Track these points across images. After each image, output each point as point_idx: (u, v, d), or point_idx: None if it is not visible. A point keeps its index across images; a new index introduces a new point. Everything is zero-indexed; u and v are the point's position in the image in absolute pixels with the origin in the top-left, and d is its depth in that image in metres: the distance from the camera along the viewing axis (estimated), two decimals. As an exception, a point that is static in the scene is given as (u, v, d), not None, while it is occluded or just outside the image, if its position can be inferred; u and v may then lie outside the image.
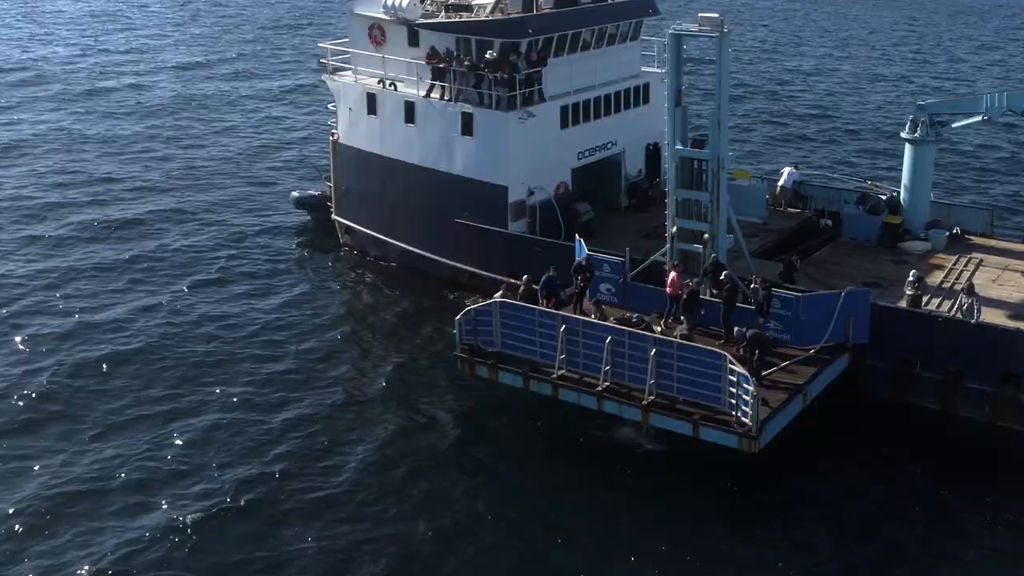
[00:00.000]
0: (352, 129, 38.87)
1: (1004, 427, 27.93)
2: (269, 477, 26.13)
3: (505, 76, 33.78)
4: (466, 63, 34.69)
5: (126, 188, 49.26)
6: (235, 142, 58.05)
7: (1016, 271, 32.79)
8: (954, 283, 31.61)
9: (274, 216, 45.20)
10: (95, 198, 47.60)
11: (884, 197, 36.42)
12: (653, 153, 39.64)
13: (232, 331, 34.32)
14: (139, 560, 23.07)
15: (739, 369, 24.66)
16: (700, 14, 28.83)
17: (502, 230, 34.84)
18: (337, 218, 41.00)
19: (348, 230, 40.64)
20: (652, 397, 25.88)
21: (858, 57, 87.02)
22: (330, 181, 41.18)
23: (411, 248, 37.87)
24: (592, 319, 28.17)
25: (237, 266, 39.73)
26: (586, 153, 37.34)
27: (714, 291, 29.31)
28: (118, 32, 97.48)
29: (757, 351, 26.39)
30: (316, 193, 43.24)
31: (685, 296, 28.34)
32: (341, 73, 39.62)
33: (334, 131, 40.14)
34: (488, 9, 35.97)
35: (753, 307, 28.04)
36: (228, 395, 30.18)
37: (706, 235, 30.02)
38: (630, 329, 26.59)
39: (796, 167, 40.36)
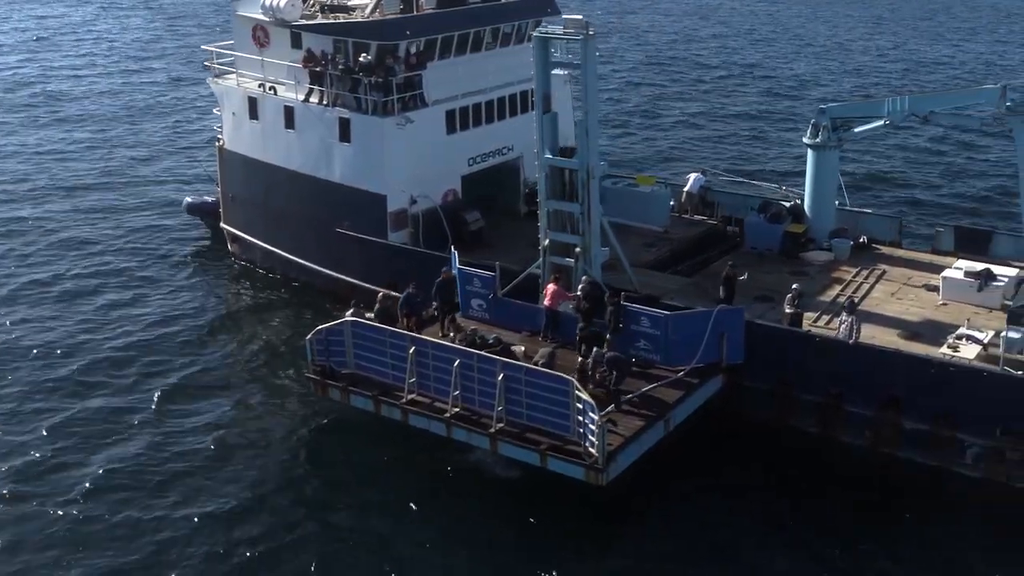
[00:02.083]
0: (236, 134, 37.23)
1: (886, 453, 26.33)
2: (98, 493, 25.18)
3: (380, 80, 32.13)
4: (340, 66, 33.04)
5: (8, 189, 47.61)
6: (131, 144, 55.68)
7: (917, 285, 31.22)
8: (850, 297, 30.07)
9: (165, 221, 43.44)
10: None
11: (788, 204, 34.89)
12: (555, 158, 37.91)
13: (88, 339, 33.04)
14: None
15: (585, 396, 23.07)
16: (565, 16, 27.23)
17: (381, 240, 33.23)
18: (225, 226, 39.34)
19: (235, 238, 39.00)
20: (501, 425, 24.32)
21: (809, 56, 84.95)
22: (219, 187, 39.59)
23: (294, 258, 36.29)
24: (451, 339, 26.65)
25: (116, 273, 38.10)
26: (478, 159, 35.67)
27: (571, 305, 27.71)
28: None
29: (615, 373, 24.81)
30: (210, 199, 41.45)
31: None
32: (226, 76, 37.96)
33: (220, 136, 38.49)
34: (368, 10, 34.28)
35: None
36: (69, 405, 29.15)
37: (578, 248, 28.46)
38: (479, 352, 25.03)
39: (704, 172, 38.66)
